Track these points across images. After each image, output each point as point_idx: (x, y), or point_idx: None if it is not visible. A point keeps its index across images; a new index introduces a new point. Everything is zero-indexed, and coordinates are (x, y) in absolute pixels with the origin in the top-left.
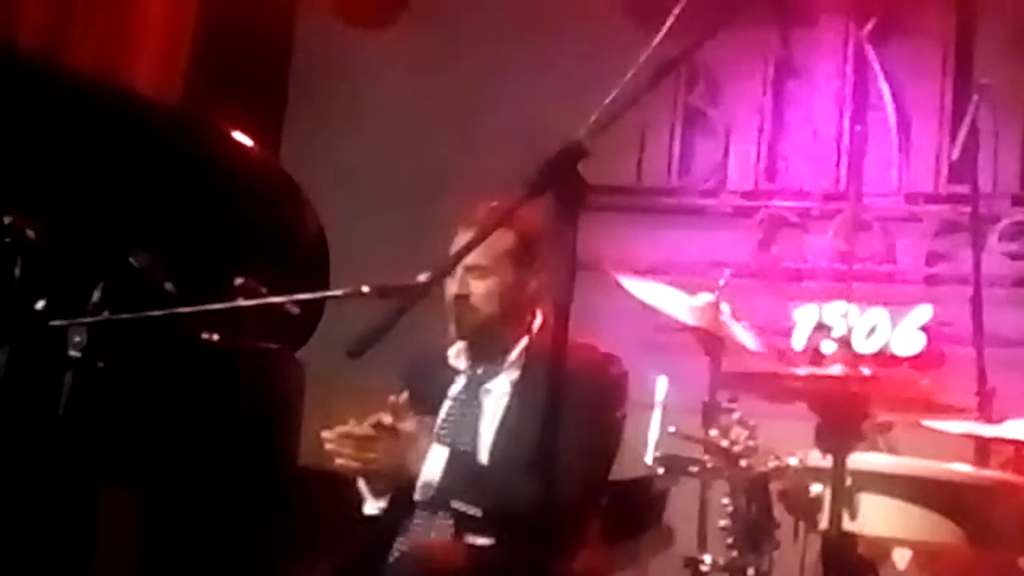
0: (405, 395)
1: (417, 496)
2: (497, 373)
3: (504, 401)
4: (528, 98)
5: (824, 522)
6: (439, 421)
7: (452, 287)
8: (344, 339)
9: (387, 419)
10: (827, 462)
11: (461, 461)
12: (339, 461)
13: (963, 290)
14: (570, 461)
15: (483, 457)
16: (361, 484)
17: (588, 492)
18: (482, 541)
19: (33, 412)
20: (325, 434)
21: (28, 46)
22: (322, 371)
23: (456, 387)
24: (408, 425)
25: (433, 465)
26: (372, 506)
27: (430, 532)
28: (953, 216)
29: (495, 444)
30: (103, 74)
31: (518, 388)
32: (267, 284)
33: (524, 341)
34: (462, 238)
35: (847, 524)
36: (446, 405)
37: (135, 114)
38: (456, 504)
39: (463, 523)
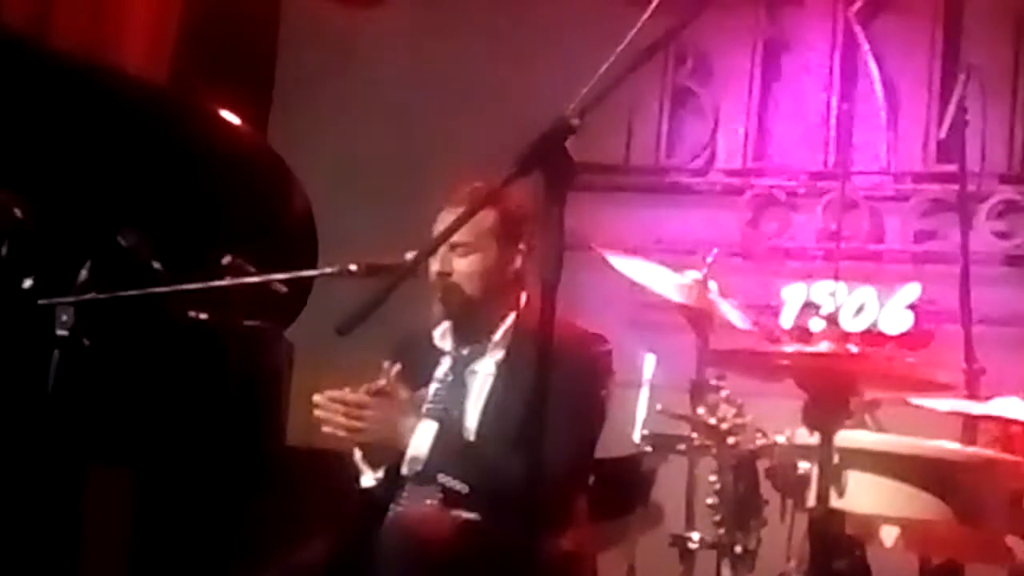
0: (397, 367)
1: (405, 470)
2: (482, 354)
3: (490, 381)
4: (517, 77)
5: (811, 500)
6: (426, 402)
7: (435, 265)
8: (332, 318)
9: (383, 381)
10: (815, 440)
11: (449, 436)
12: (327, 429)
13: (951, 269)
14: (555, 439)
15: (469, 437)
16: (357, 456)
17: (573, 470)
18: (468, 516)
19: (20, 391)
20: (316, 398)
21: (15, 25)
22: (310, 350)
23: (442, 368)
24: (401, 396)
25: (421, 439)
26: (369, 478)
27: (416, 506)
28: (941, 195)
29: (481, 424)
30: (90, 53)
31: (503, 368)
32: (255, 263)
33: (509, 321)
34: (446, 216)
35: (834, 502)
36: (433, 386)
37: (122, 93)
38: (443, 479)
39: (450, 498)
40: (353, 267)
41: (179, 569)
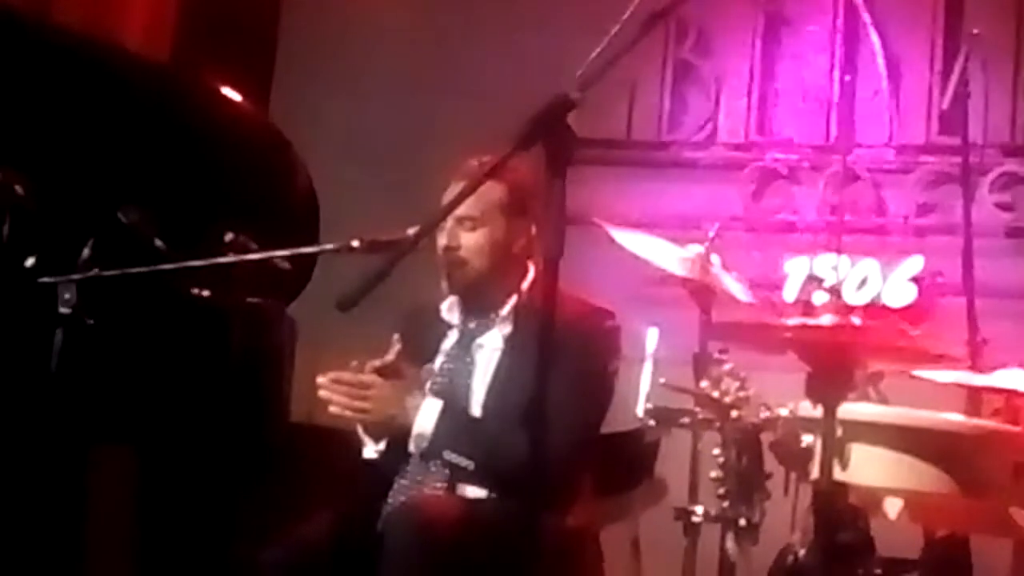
0: (398, 346)
1: (411, 448)
2: (489, 327)
3: (497, 355)
4: (519, 51)
5: (815, 472)
6: (432, 376)
7: (442, 239)
8: (335, 294)
9: (390, 356)
10: (818, 412)
11: (454, 413)
12: (332, 409)
13: (954, 241)
14: (561, 414)
15: (476, 411)
16: (359, 429)
17: (579, 445)
18: (475, 492)
19: (23, 370)
20: (320, 379)
21: (16, 2)
22: (313, 326)
23: (449, 341)
24: (404, 373)
25: (426, 417)
26: (371, 449)
27: (423, 483)
28: (943, 167)
29: (488, 398)
30: (92, 31)
31: (511, 342)
32: (257, 239)
33: (517, 295)
34: (453, 191)
35: (838, 474)
36: (439, 359)
37: (124, 70)
38: (448, 456)
39: (456, 474)
40: (355, 243)
41: (183, 547)
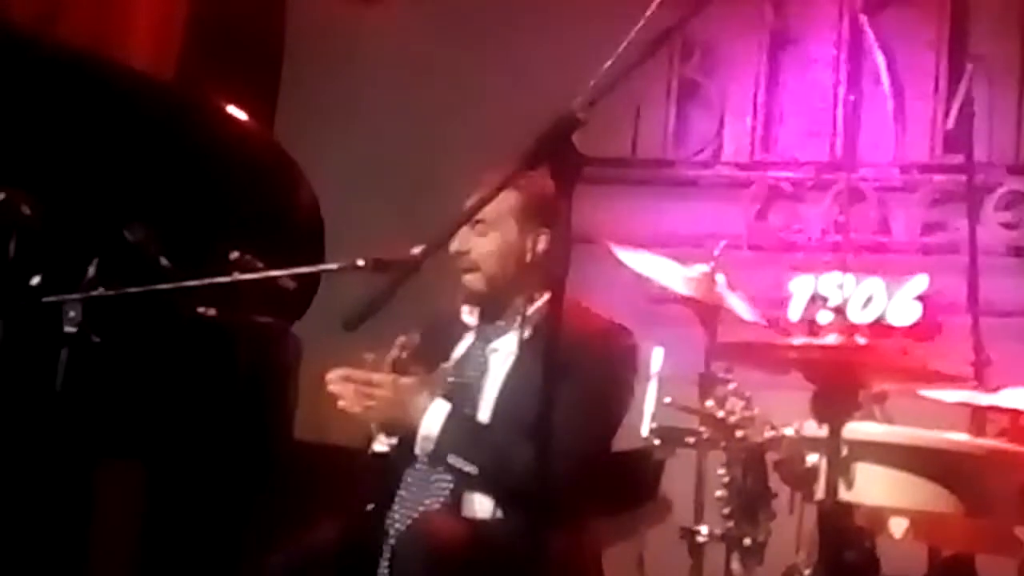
0: (407, 349)
1: (417, 450)
2: (506, 331)
3: (511, 360)
4: (524, 70)
5: (820, 492)
6: (445, 376)
7: (453, 244)
8: (340, 313)
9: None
10: (823, 432)
11: (461, 417)
12: (341, 404)
13: (959, 260)
14: (573, 427)
15: (485, 416)
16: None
17: (588, 460)
18: (480, 503)
19: (29, 388)
20: (328, 375)
21: (21, 20)
22: (318, 345)
23: (464, 343)
24: (410, 379)
25: (433, 419)
26: (382, 444)
27: (427, 487)
28: (948, 186)
29: (498, 403)
30: (97, 48)
31: (525, 349)
32: (263, 258)
33: (537, 303)
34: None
35: (843, 494)
36: (453, 361)
37: (129, 88)
38: (453, 460)
39: (460, 480)
40: (360, 262)
41: (189, 564)
